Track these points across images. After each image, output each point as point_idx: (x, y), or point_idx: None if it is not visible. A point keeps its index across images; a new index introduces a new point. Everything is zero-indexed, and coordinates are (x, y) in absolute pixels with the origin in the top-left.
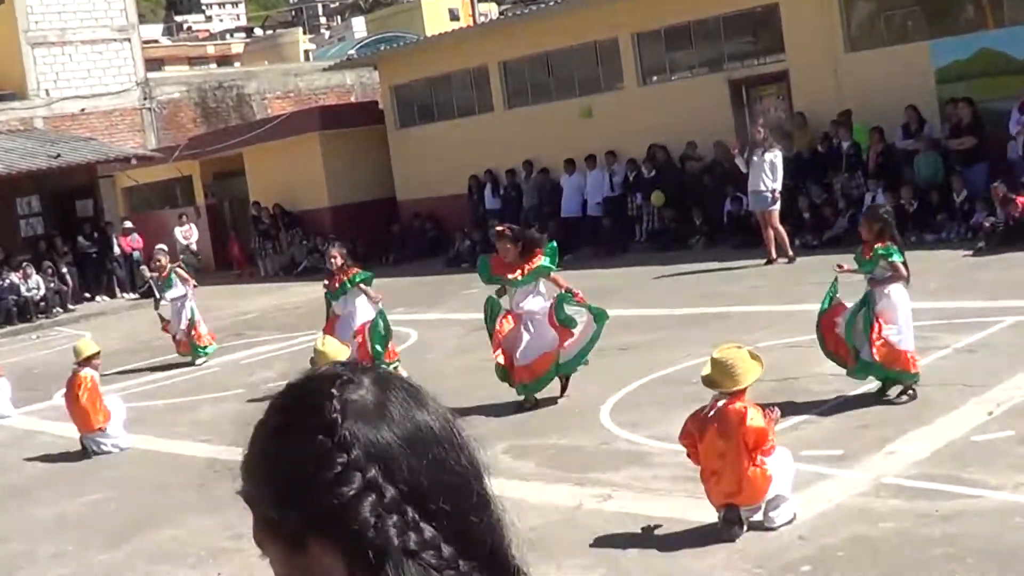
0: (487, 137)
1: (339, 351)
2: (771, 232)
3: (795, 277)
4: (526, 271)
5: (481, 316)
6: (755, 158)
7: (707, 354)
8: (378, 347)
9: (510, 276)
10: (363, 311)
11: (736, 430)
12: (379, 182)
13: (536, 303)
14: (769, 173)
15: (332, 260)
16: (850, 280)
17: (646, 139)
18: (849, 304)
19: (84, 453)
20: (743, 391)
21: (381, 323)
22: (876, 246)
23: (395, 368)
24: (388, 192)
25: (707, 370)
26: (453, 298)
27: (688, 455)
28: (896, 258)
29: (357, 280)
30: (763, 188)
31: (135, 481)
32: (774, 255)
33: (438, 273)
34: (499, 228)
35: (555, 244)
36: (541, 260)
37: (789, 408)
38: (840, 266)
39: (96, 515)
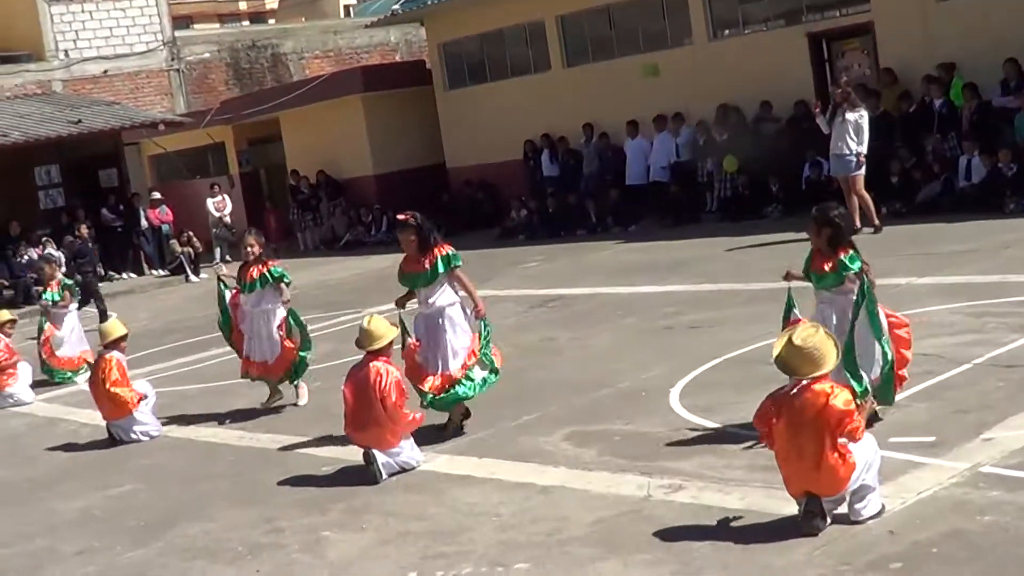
0: (544, 98)
1: (387, 331)
2: (855, 199)
3: (882, 248)
4: (428, 264)
5: (539, 292)
6: (838, 119)
7: (785, 333)
8: (304, 354)
9: (416, 271)
10: (279, 311)
11: (818, 412)
12: (427, 148)
13: (449, 296)
14: (853, 135)
15: (249, 249)
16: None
17: (717, 99)
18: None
19: (111, 441)
20: (825, 375)
21: (295, 325)
22: (840, 256)
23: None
24: (437, 159)
25: (782, 352)
26: (508, 273)
27: (761, 437)
28: (857, 268)
29: (276, 275)
30: (846, 151)
31: (166, 471)
32: (858, 224)
33: (491, 246)
34: (401, 217)
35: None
36: (445, 251)
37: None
38: (789, 273)
39: (124, 508)
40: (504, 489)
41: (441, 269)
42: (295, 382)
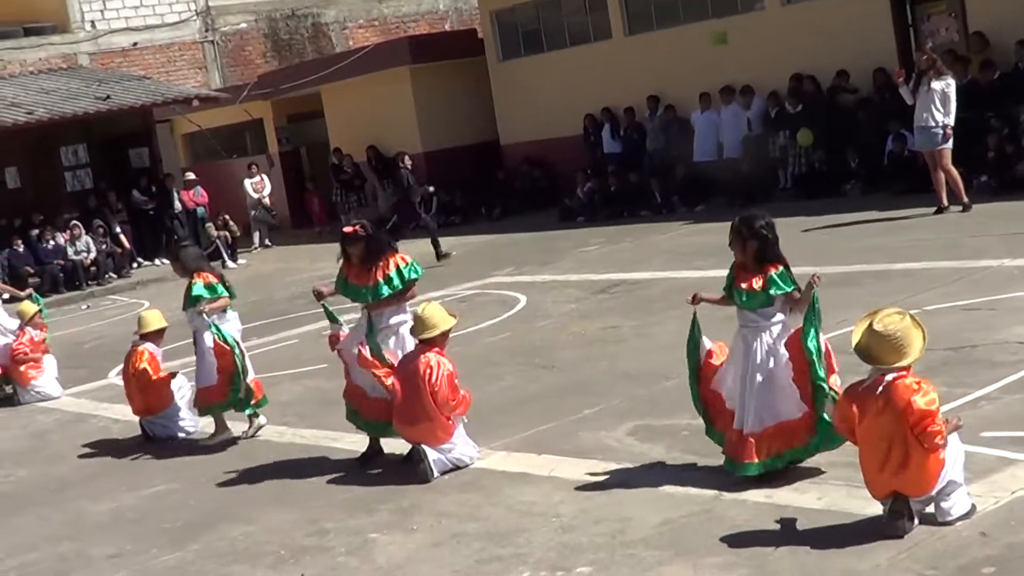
0: (604, 69)
1: (443, 320)
2: (941, 175)
3: (970, 228)
4: (380, 277)
5: (600, 276)
6: (922, 88)
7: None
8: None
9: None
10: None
11: (903, 406)
12: (480, 123)
13: (402, 315)
14: (939, 105)
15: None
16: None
17: (790, 68)
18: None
19: (144, 438)
20: (909, 368)
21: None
22: (770, 272)
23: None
24: (490, 135)
25: (864, 340)
26: (567, 257)
27: (843, 434)
28: (790, 288)
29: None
30: (932, 123)
31: (202, 470)
32: (945, 202)
33: (549, 228)
34: (348, 230)
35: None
36: (404, 265)
37: (966, 382)
38: (697, 296)
39: (158, 509)
40: (564, 487)
41: (395, 285)
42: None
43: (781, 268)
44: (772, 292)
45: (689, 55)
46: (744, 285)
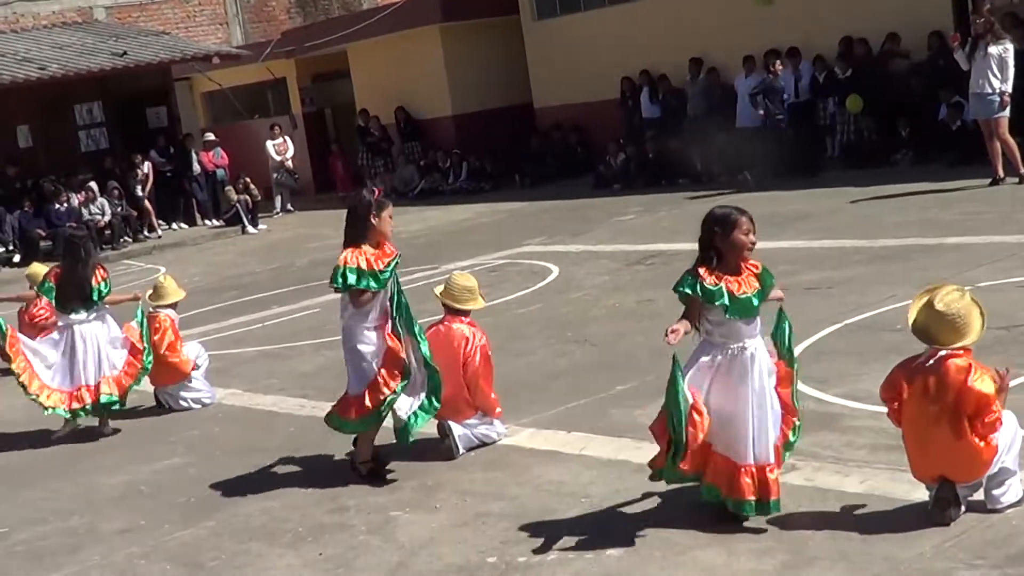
0: (644, 30)
1: (476, 289)
2: (997, 145)
3: None
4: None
5: (637, 247)
6: (979, 53)
7: (914, 296)
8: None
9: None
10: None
11: (956, 389)
12: (513, 85)
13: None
14: (997, 71)
15: None
16: None
17: (839, 30)
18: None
19: (159, 409)
20: (968, 349)
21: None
22: (756, 268)
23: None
24: (524, 98)
25: (922, 319)
26: (602, 226)
27: (888, 413)
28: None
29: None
30: (989, 90)
31: (219, 443)
32: (1001, 173)
33: (584, 196)
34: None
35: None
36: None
37: (1019, 362)
38: (673, 331)
39: (172, 483)
40: (594, 467)
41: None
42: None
43: (766, 270)
44: (767, 285)
45: (732, 15)
46: (741, 290)
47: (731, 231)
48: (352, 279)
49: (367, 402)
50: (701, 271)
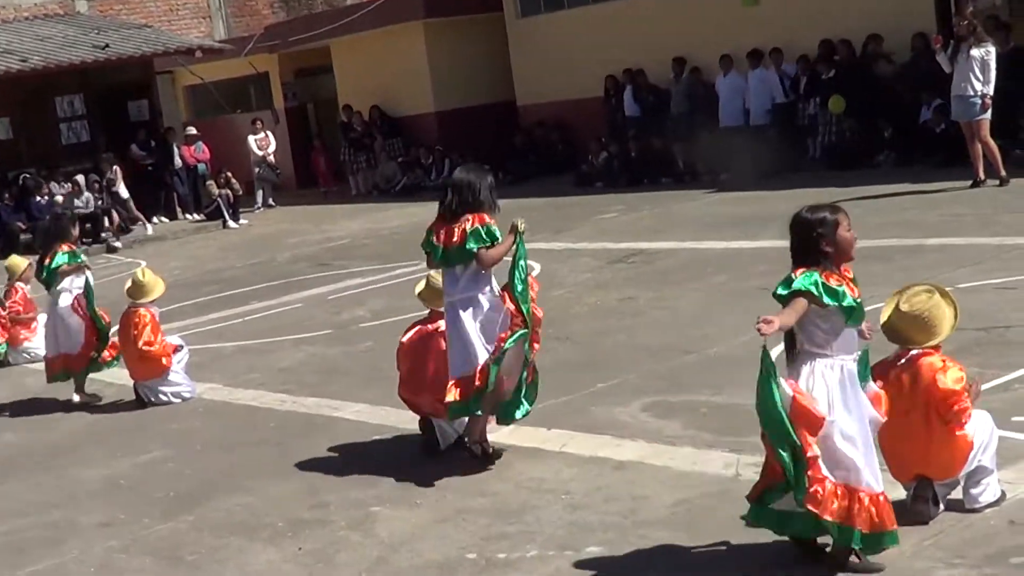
0: (628, 29)
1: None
2: (979, 147)
3: (1008, 203)
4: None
5: (618, 245)
6: (961, 55)
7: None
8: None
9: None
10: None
11: (927, 386)
12: (496, 82)
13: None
14: (979, 74)
15: None
16: None
17: (824, 30)
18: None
19: (139, 403)
20: (938, 346)
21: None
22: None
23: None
24: (507, 95)
25: (891, 319)
26: (584, 223)
27: None
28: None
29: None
30: (970, 92)
31: (199, 438)
32: (982, 175)
33: (566, 194)
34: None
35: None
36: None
37: (998, 364)
38: (767, 322)
39: (152, 478)
40: (575, 464)
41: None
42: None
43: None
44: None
45: (716, 14)
46: (856, 294)
47: (835, 230)
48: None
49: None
50: (816, 271)
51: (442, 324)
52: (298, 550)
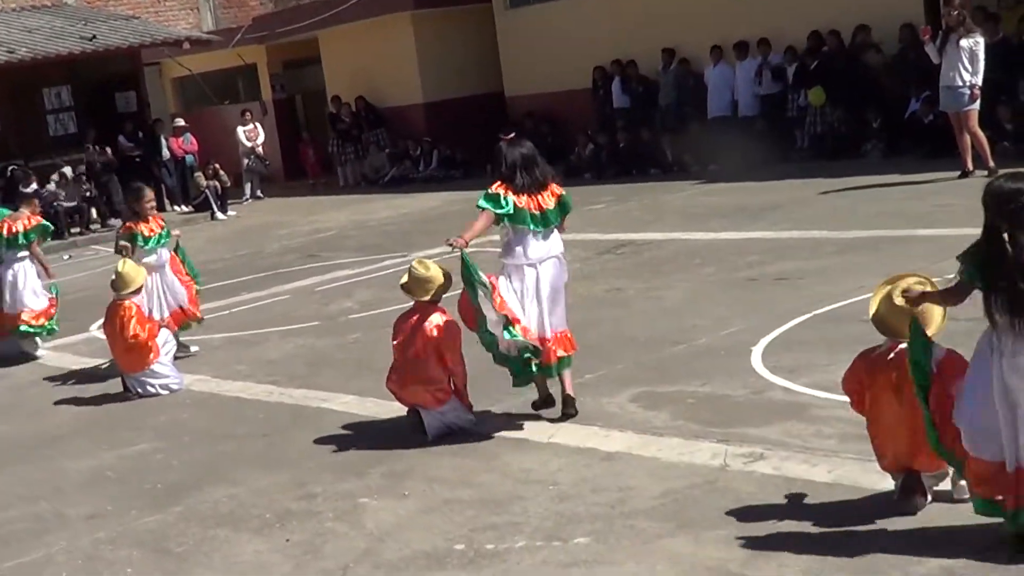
0: (616, 20)
1: (438, 277)
2: (967, 138)
3: None
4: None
5: (607, 236)
6: (949, 46)
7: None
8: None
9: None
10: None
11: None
12: (484, 74)
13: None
14: (968, 64)
15: (152, 204)
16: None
17: (812, 21)
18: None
19: (126, 395)
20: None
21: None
22: None
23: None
24: (495, 86)
25: (881, 311)
26: (573, 215)
27: (852, 404)
28: None
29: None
30: (959, 83)
31: (187, 429)
32: (970, 166)
33: None
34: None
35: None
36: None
37: None
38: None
39: (139, 469)
40: (563, 455)
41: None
42: None
43: None
44: None
45: (706, 6)
46: None
47: None
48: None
49: None
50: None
51: (433, 316)
52: (285, 541)
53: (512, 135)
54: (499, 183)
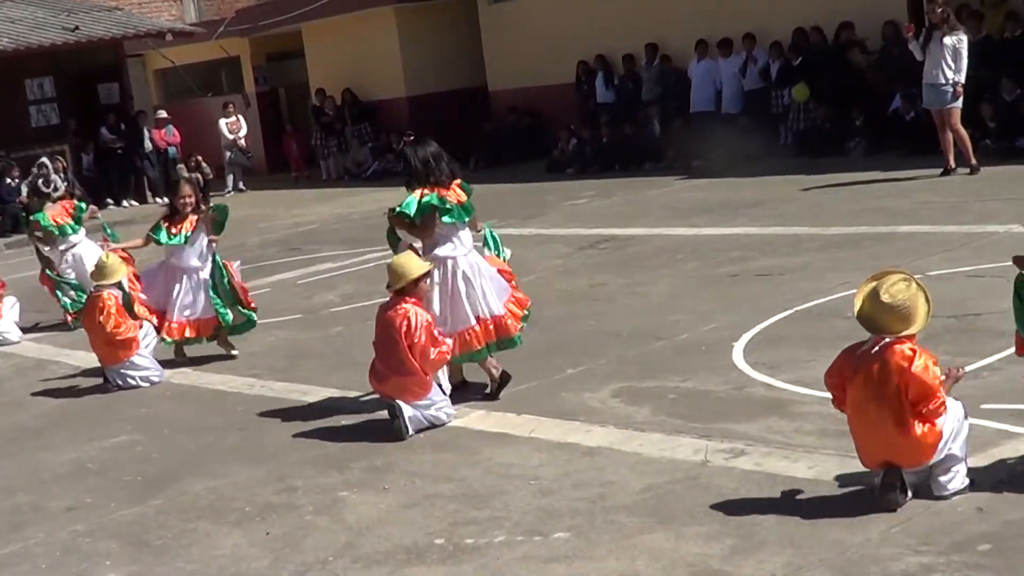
0: (600, 15)
1: (418, 266)
2: (950, 135)
3: (978, 191)
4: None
5: (589, 231)
6: (933, 43)
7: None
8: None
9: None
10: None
11: (899, 376)
12: (468, 68)
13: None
14: (951, 62)
15: (185, 200)
16: None
17: (796, 17)
18: None
19: (106, 387)
20: (912, 336)
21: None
22: None
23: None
24: (478, 80)
25: (867, 308)
26: (555, 210)
27: (833, 400)
28: None
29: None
30: (941, 81)
31: (167, 422)
32: (953, 164)
33: (537, 180)
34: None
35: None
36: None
37: (968, 351)
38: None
39: (119, 461)
40: (544, 449)
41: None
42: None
43: None
44: None
45: (689, 2)
46: None
47: None
48: None
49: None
50: None
51: (402, 306)
52: (265, 534)
53: (413, 137)
54: (425, 188)
